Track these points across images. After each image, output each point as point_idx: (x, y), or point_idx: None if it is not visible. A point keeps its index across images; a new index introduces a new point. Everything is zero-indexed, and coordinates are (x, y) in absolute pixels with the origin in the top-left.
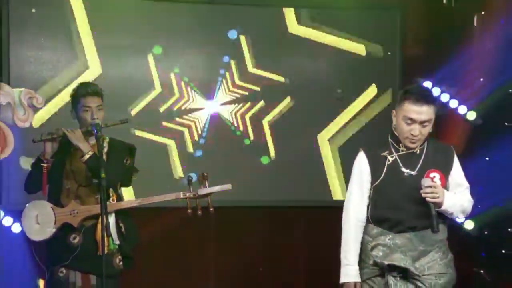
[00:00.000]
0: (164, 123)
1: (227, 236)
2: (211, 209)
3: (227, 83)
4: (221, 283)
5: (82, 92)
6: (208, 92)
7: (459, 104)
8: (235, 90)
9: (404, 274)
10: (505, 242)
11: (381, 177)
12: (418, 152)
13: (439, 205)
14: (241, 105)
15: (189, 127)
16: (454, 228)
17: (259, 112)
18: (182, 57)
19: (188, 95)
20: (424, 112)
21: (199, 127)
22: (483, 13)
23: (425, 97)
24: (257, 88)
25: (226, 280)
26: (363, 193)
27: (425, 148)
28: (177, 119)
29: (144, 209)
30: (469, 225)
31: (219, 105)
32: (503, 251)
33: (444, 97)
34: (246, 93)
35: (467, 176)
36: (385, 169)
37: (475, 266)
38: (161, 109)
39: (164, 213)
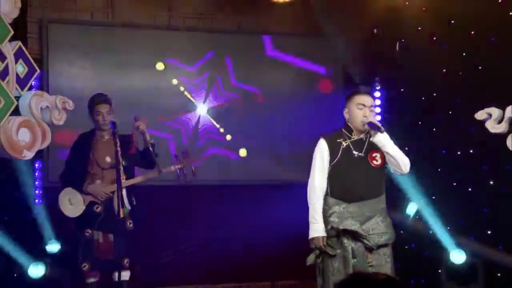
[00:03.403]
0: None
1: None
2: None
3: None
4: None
5: (96, 101)
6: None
7: None
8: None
9: (354, 235)
10: None
11: (337, 158)
12: (364, 139)
13: (380, 129)
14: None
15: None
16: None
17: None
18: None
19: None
20: (369, 99)
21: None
22: (403, 40)
23: (367, 91)
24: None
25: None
26: (324, 169)
27: (369, 137)
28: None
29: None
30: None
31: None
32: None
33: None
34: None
35: None
36: (340, 151)
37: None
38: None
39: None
